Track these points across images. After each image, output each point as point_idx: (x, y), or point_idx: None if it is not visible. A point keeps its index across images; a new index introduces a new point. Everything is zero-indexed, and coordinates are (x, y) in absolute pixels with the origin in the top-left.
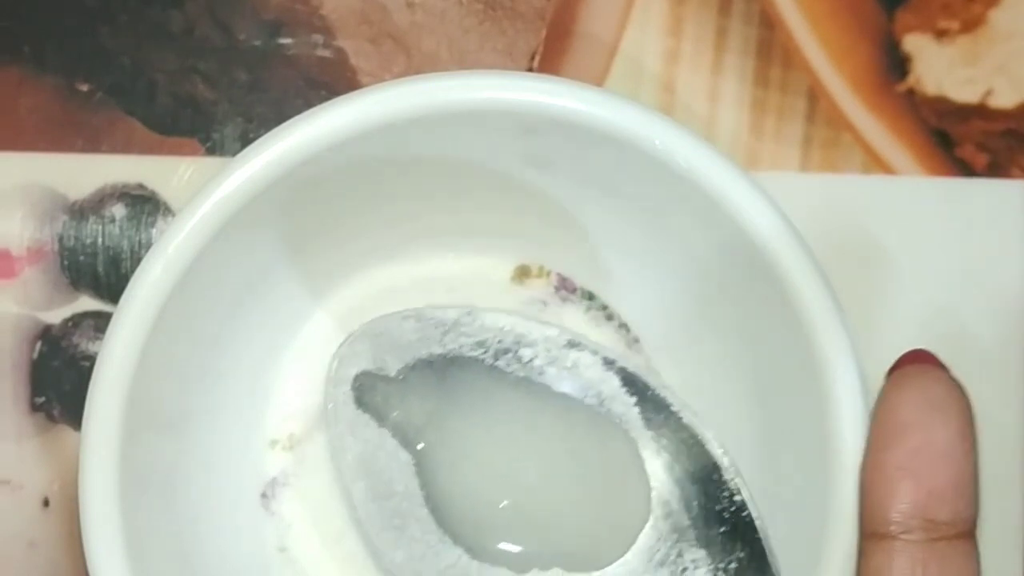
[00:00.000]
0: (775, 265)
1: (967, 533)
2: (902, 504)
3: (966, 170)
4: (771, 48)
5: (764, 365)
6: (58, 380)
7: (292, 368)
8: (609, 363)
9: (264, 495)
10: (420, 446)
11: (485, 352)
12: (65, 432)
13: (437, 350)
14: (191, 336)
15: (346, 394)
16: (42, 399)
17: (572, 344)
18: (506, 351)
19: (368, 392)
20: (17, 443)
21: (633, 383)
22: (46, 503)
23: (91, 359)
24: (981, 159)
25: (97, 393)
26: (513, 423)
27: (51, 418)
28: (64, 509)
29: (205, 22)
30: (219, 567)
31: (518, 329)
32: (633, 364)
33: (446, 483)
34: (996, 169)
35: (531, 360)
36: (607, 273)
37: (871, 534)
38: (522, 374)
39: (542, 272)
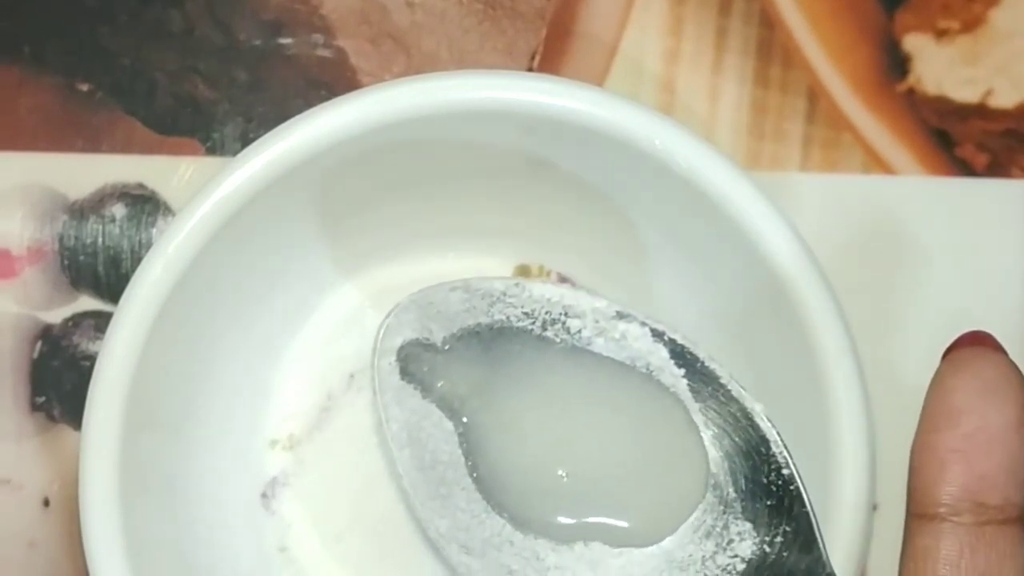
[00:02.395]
0: (775, 265)
1: (1016, 518)
2: (952, 486)
3: (966, 170)
4: (771, 48)
5: (763, 360)
6: (58, 380)
7: (292, 368)
8: (658, 335)
9: (264, 495)
10: (466, 416)
11: (533, 322)
12: (65, 432)
13: (484, 320)
14: (191, 336)
15: (391, 364)
16: (42, 399)
17: (621, 315)
18: (554, 321)
19: (414, 362)
20: (17, 443)
21: (682, 355)
22: (46, 503)
23: (91, 359)
24: (981, 159)
25: (97, 393)
26: (562, 393)
27: (51, 418)
28: (64, 509)
29: (205, 22)
30: (219, 567)
31: (566, 300)
32: (682, 336)
33: (492, 453)
34: (996, 169)
35: (579, 331)
36: (607, 273)
37: (919, 515)
38: (571, 344)
39: (542, 272)
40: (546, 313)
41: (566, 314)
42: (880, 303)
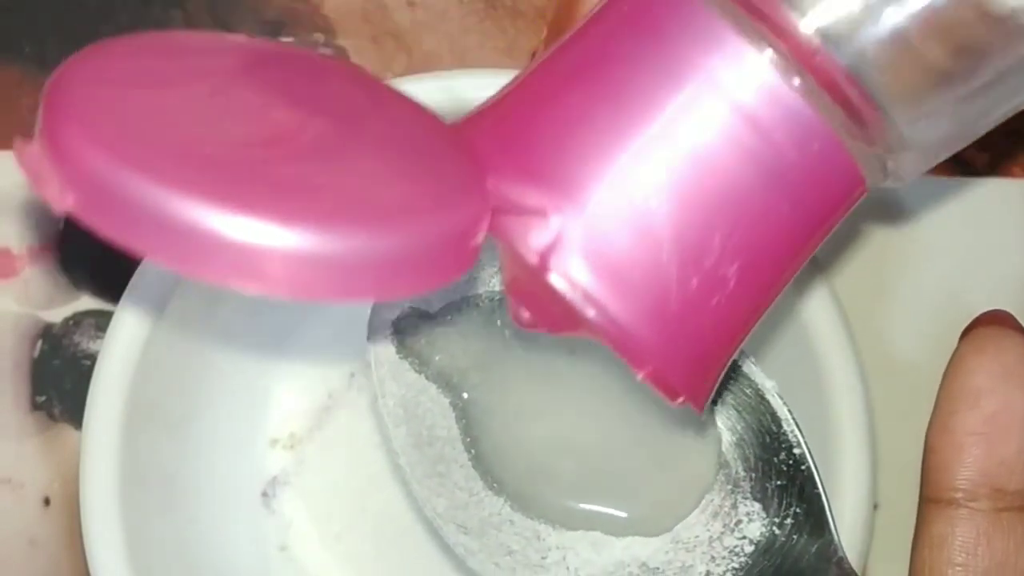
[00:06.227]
0: None
1: None
2: (969, 471)
3: (967, 169)
4: None
5: (762, 357)
6: (59, 379)
7: (293, 367)
8: None
9: (265, 494)
10: (465, 391)
11: None
12: (66, 431)
13: (486, 290)
14: (192, 335)
15: (387, 338)
16: (43, 398)
17: None
18: None
19: (411, 336)
20: (18, 442)
21: None
22: (47, 502)
23: (92, 358)
24: (981, 158)
25: (98, 392)
26: (568, 368)
27: (52, 417)
28: (65, 508)
29: (206, 21)
30: (219, 565)
31: None
32: None
33: (492, 431)
34: (997, 168)
35: None
36: None
37: (934, 500)
38: None
39: None
40: None
41: None
42: (879, 303)
